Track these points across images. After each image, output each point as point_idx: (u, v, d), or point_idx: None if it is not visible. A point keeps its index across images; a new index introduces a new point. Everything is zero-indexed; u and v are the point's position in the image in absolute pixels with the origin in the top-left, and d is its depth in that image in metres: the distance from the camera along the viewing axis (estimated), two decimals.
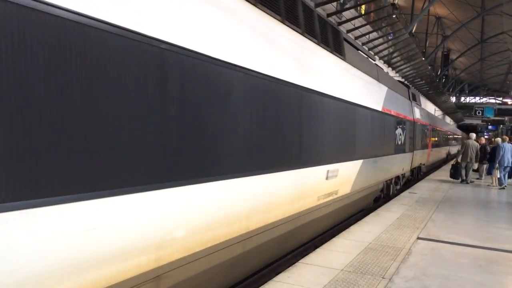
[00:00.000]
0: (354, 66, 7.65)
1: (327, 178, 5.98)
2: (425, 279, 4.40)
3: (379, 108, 8.94)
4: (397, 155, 10.97)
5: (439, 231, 6.63)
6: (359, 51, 8.96)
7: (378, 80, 9.42)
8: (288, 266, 4.93)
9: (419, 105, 16.43)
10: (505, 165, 12.63)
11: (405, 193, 11.10)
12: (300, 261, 4.86)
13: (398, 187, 12.29)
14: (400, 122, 11.23)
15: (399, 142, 11.16)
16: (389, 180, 10.91)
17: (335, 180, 6.32)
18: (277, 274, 4.70)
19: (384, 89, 9.85)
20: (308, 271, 4.50)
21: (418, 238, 6.15)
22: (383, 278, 4.38)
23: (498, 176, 12.91)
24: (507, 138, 13.50)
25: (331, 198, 6.38)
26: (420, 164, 15.90)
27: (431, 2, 27.16)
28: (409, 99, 14.07)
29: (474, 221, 7.63)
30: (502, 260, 5.28)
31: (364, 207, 9.69)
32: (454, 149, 33.13)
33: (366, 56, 9.47)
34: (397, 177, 12.01)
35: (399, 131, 11.06)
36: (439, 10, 34.18)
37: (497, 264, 5.11)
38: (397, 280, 4.33)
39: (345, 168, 6.69)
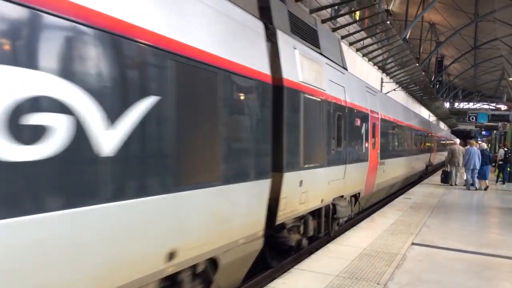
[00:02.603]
0: None
1: None
2: (419, 285, 4.42)
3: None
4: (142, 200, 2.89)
5: (433, 237, 6.66)
6: None
7: None
8: (283, 272, 4.93)
9: (328, 58, 6.81)
10: (471, 167, 13.51)
11: (399, 199, 11.13)
12: (295, 267, 4.86)
13: None
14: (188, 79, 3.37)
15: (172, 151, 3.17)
16: None
17: None
18: (272, 280, 4.69)
19: None
20: (303, 277, 4.50)
21: (413, 243, 6.17)
22: (377, 284, 4.38)
23: (465, 178, 13.90)
24: (474, 143, 14.47)
25: None
26: (330, 203, 6.84)
27: (425, 9, 27.43)
28: (258, 18, 4.73)
29: (468, 227, 7.67)
30: (496, 266, 5.31)
31: None
32: (439, 157, 25.94)
33: None
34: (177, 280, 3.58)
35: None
36: (433, 16, 34.50)
37: (491, 269, 5.14)
38: (392, 286, 4.34)
39: None
